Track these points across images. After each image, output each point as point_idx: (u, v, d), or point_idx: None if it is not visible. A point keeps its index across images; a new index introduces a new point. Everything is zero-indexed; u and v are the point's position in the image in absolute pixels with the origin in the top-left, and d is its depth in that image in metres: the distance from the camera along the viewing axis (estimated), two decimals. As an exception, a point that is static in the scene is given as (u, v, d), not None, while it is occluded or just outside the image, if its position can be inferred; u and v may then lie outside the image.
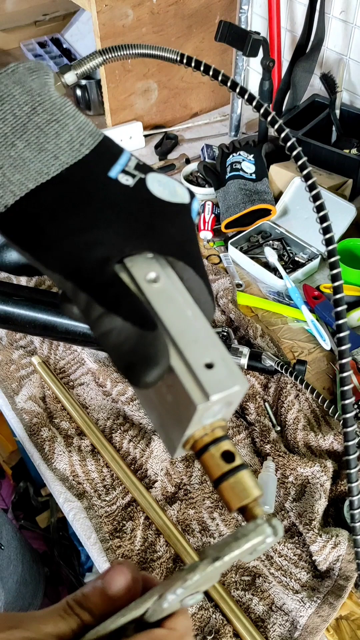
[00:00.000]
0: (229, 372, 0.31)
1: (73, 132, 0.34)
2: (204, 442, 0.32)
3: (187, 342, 0.31)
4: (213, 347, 0.32)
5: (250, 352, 0.93)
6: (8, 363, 1.04)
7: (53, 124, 0.34)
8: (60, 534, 1.50)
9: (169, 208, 0.35)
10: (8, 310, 0.46)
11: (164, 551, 0.79)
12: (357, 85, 1.37)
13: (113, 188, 0.34)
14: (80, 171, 0.33)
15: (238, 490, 0.32)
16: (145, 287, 0.32)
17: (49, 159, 0.33)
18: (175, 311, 0.32)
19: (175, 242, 0.34)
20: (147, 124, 1.56)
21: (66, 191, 0.33)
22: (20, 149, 0.33)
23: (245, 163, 1.29)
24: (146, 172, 0.35)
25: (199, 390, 0.30)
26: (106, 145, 0.35)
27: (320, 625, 0.72)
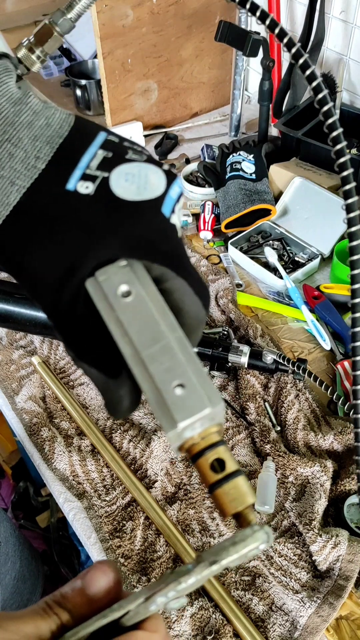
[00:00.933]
0: (200, 394, 0.29)
1: (27, 146, 0.33)
2: (196, 449, 0.31)
3: (157, 364, 0.30)
4: (186, 365, 0.30)
5: (250, 351, 0.93)
6: (8, 363, 1.04)
7: (5, 145, 0.32)
8: (60, 533, 1.50)
9: (134, 208, 0.32)
10: (8, 309, 0.46)
11: (164, 551, 0.79)
12: (357, 85, 1.37)
13: (72, 202, 0.32)
14: (38, 192, 0.32)
15: (232, 497, 0.31)
16: (115, 303, 0.31)
17: (7, 186, 0.32)
18: (146, 329, 0.31)
19: (143, 244, 0.32)
20: (147, 124, 1.56)
21: (29, 219, 0.32)
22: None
23: (245, 163, 1.29)
24: (113, 167, 0.33)
25: (167, 417, 0.29)
26: (68, 147, 0.33)
27: (320, 625, 0.72)
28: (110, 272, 0.31)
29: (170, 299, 0.32)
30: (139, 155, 0.34)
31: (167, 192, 0.33)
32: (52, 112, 0.34)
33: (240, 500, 0.31)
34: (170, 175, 0.34)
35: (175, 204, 0.34)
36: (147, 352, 0.30)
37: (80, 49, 1.86)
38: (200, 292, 0.33)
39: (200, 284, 0.33)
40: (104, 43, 1.34)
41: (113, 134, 0.35)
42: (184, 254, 0.34)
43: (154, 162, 0.34)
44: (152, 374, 0.30)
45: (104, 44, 1.34)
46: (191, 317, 0.33)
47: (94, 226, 0.31)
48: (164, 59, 1.47)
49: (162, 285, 0.32)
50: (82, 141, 0.33)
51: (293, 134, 1.29)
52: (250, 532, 0.30)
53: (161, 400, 0.29)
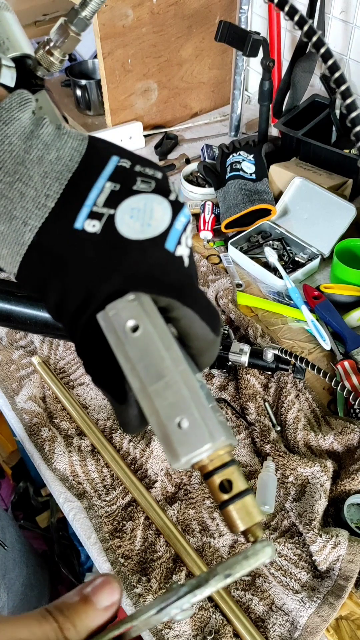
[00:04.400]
0: (201, 430, 0.31)
1: (38, 184, 0.33)
2: (207, 469, 0.33)
3: (161, 399, 0.32)
4: (190, 401, 0.32)
5: (250, 350, 0.93)
6: (8, 363, 1.04)
7: (16, 185, 0.33)
8: (60, 533, 1.50)
9: (137, 247, 0.33)
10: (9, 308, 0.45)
11: (164, 551, 0.79)
12: (357, 85, 1.37)
13: (80, 240, 0.33)
14: (48, 231, 0.33)
15: (242, 515, 0.33)
16: (124, 337, 0.32)
17: (20, 226, 0.33)
18: (152, 364, 0.32)
19: (148, 279, 0.33)
20: (147, 124, 1.56)
21: (43, 258, 0.33)
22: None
23: (245, 163, 1.29)
24: (119, 202, 0.33)
25: (171, 451, 0.31)
26: (76, 181, 0.33)
27: (320, 625, 0.72)
28: (119, 306, 0.33)
29: (178, 325, 0.34)
30: (148, 183, 0.34)
31: (172, 225, 0.34)
32: (63, 141, 0.34)
33: (248, 519, 0.33)
34: (177, 205, 0.34)
35: (181, 235, 0.34)
36: (153, 387, 0.32)
37: (80, 49, 1.86)
38: (208, 317, 0.35)
39: (207, 310, 0.35)
40: (104, 43, 1.34)
41: (126, 156, 0.35)
42: (191, 283, 0.35)
43: (162, 191, 0.34)
44: (157, 408, 0.32)
45: (104, 44, 1.34)
46: (200, 340, 0.35)
47: (101, 263, 0.33)
48: (164, 59, 1.47)
49: (169, 314, 0.34)
50: (91, 173, 0.34)
51: (293, 134, 1.29)
52: (260, 547, 0.31)
53: (166, 435, 0.31)
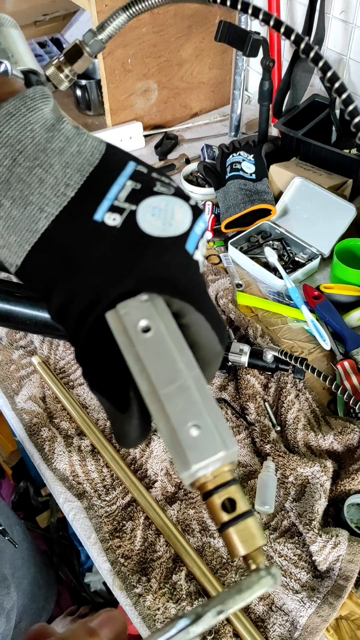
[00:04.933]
0: (215, 437, 0.30)
1: (58, 172, 0.32)
2: (208, 487, 0.31)
3: (173, 403, 0.30)
4: (202, 407, 0.31)
5: (250, 350, 0.93)
6: (8, 363, 1.04)
7: (36, 170, 0.32)
8: (60, 533, 1.50)
9: (157, 244, 0.32)
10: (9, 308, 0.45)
11: (164, 551, 0.79)
12: (357, 85, 1.37)
13: (98, 233, 0.32)
14: (65, 221, 0.32)
15: (243, 539, 0.31)
16: (135, 338, 0.31)
17: (35, 213, 0.32)
18: (164, 366, 0.31)
19: (165, 280, 0.32)
20: (147, 124, 1.56)
21: (55, 248, 0.32)
22: (7, 207, 0.32)
23: (245, 163, 1.29)
24: (141, 199, 0.33)
25: (181, 458, 0.29)
26: (98, 175, 0.33)
27: (320, 625, 0.72)
28: (131, 306, 0.31)
29: (187, 333, 0.33)
30: (167, 187, 0.34)
31: (192, 229, 0.33)
32: (84, 138, 0.34)
33: (250, 543, 0.31)
34: (197, 210, 0.34)
35: (199, 240, 0.34)
36: (164, 390, 0.30)
37: (80, 49, 1.86)
38: (217, 327, 0.34)
39: (218, 320, 0.34)
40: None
41: (142, 164, 0.35)
42: (204, 290, 0.34)
43: (182, 196, 0.34)
44: (168, 413, 0.30)
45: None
46: (207, 351, 0.34)
47: (118, 259, 0.32)
48: (164, 59, 1.47)
49: (181, 319, 0.33)
50: (111, 171, 0.33)
51: (293, 134, 1.29)
52: (256, 578, 0.30)
53: (176, 441, 0.30)
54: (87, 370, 0.33)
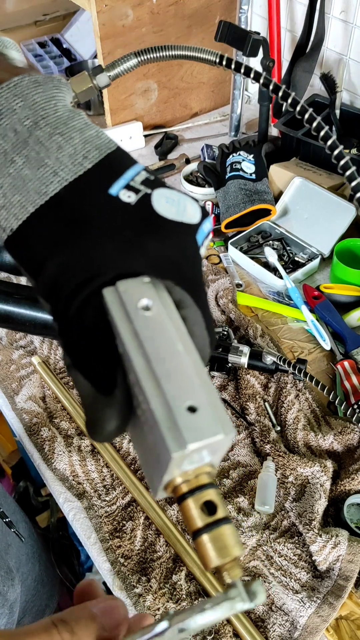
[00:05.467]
0: (213, 418, 0.28)
1: (77, 145, 0.32)
2: (184, 489, 0.29)
3: (171, 381, 0.28)
4: (200, 388, 0.29)
5: (250, 351, 0.93)
6: (8, 363, 1.04)
7: (56, 137, 0.32)
8: (60, 533, 1.50)
9: (172, 228, 0.32)
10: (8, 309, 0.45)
11: (164, 551, 0.79)
12: (357, 85, 1.37)
13: (111, 207, 0.32)
14: (78, 189, 0.31)
15: (217, 548, 0.28)
16: (135, 315, 0.29)
17: (48, 175, 0.31)
18: (163, 344, 0.29)
19: (172, 266, 0.32)
20: (147, 124, 1.56)
21: (62, 213, 0.31)
22: (19, 165, 0.31)
23: (245, 163, 1.29)
24: (154, 188, 0.33)
25: (176, 436, 0.27)
26: (114, 159, 0.33)
27: (320, 625, 0.72)
28: (132, 284, 0.30)
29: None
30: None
31: (201, 224, 0.34)
32: (100, 130, 0.35)
33: (224, 552, 0.28)
34: (205, 211, 0.34)
35: (205, 238, 0.34)
36: (162, 367, 0.29)
37: (80, 49, 1.86)
38: (210, 328, 0.33)
39: (211, 321, 0.34)
40: (104, 43, 1.34)
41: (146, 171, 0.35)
42: (204, 287, 0.34)
43: (190, 197, 0.35)
44: (165, 390, 0.28)
45: (104, 44, 1.34)
46: (199, 350, 0.33)
47: (128, 236, 0.31)
48: (164, 59, 1.47)
49: (179, 311, 0.32)
50: (127, 159, 0.34)
51: (293, 134, 1.29)
52: (221, 599, 0.28)
53: (171, 419, 0.27)
54: (71, 347, 0.31)
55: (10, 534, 1.00)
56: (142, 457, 0.32)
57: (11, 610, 0.95)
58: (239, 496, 0.84)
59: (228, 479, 0.87)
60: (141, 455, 0.32)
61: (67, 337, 0.30)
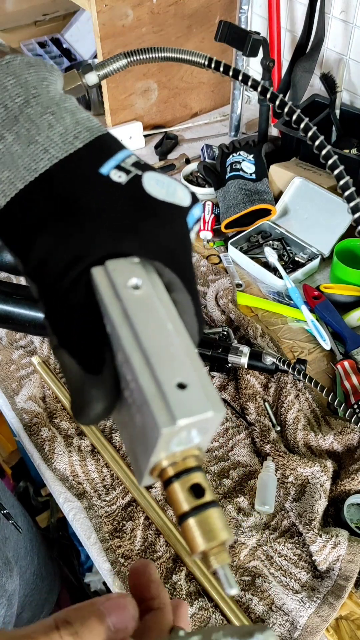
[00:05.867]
0: (203, 396, 0.27)
1: (69, 125, 0.32)
2: (171, 472, 0.28)
3: (161, 358, 0.28)
4: (190, 366, 0.28)
5: (250, 351, 0.93)
6: (8, 363, 1.04)
7: (47, 116, 0.32)
8: (60, 533, 1.50)
9: (163, 209, 0.32)
10: (8, 309, 0.45)
11: (164, 551, 0.79)
12: (357, 85, 1.37)
13: (102, 186, 0.31)
14: (69, 167, 0.31)
15: (203, 531, 0.27)
16: (124, 293, 0.29)
17: (38, 152, 0.31)
18: (152, 322, 0.29)
19: (163, 247, 0.31)
20: (147, 124, 1.56)
21: (52, 191, 0.31)
22: (9, 142, 0.31)
23: (245, 163, 1.29)
24: (145, 170, 0.33)
25: (165, 412, 0.26)
26: (105, 141, 0.33)
27: (320, 625, 0.72)
28: (121, 264, 0.30)
29: None
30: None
31: (191, 208, 0.33)
32: (91, 115, 0.35)
33: (211, 535, 0.28)
34: (195, 197, 0.34)
35: (195, 223, 0.34)
36: (151, 344, 0.28)
37: (80, 49, 1.86)
38: (199, 315, 0.33)
39: (200, 308, 0.33)
40: (104, 43, 1.34)
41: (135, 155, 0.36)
42: (194, 272, 0.33)
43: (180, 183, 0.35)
44: (154, 366, 0.27)
45: (104, 44, 1.34)
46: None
47: (118, 216, 0.31)
48: (164, 59, 1.47)
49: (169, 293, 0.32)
50: (116, 143, 0.34)
51: (293, 134, 1.29)
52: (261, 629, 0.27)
53: (161, 395, 0.27)
54: (58, 326, 0.30)
55: (8, 526, 1.00)
56: (128, 443, 0.31)
57: (9, 602, 0.95)
58: (239, 496, 0.84)
59: (228, 479, 0.87)
60: (127, 441, 0.32)
61: (55, 315, 0.30)
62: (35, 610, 1.15)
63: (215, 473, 0.88)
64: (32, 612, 1.13)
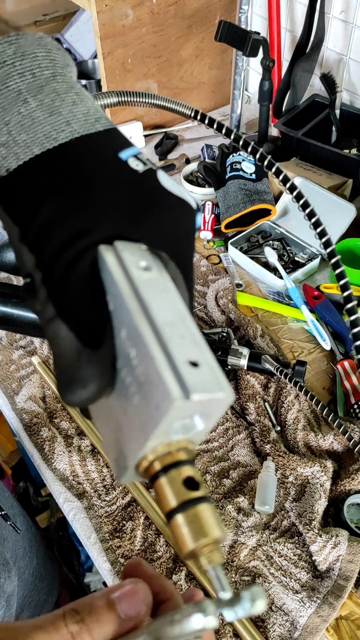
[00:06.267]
0: (214, 377, 0.26)
1: (90, 107, 0.32)
2: (164, 462, 0.27)
3: (174, 335, 0.27)
4: (201, 348, 0.27)
5: (250, 353, 0.93)
6: (8, 363, 1.04)
7: (71, 94, 0.32)
8: (60, 533, 1.50)
9: (175, 203, 0.32)
10: (7, 311, 0.45)
11: (164, 551, 0.79)
12: (357, 85, 1.37)
13: (120, 169, 0.31)
14: (90, 144, 0.31)
15: (193, 529, 0.26)
16: (134, 272, 0.28)
17: (60, 124, 0.30)
18: (164, 301, 0.28)
19: (171, 240, 0.31)
20: (147, 124, 1.56)
21: (68, 163, 0.30)
22: (32, 107, 0.30)
23: (245, 163, 1.29)
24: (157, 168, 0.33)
25: (179, 386, 0.25)
26: (121, 133, 0.33)
27: (320, 625, 0.72)
28: (130, 247, 0.29)
29: None
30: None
31: (197, 212, 0.34)
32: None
33: (204, 532, 0.26)
34: (198, 205, 0.35)
35: (197, 230, 0.34)
36: (163, 320, 0.27)
37: (80, 49, 1.86)
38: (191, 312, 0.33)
39: (193, 309, 0.33)
40: (104, 43, 1.34)
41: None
42: (194, 272, 0.34)
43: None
44: (166, 341, 0.26)
45: (104, 44, 1.34)
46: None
47: (133, 200, 0.30)
48: (164, 59, 1.47)
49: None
50: (128, 140, 0.34)
51: (293, 134, 1.29)
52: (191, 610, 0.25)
53: (173, 369, 0.25)
54: (58, 295, 0.28)
55: (6, 526, 1.01)
56: (112, 433, 0.30)
57: (8, 603, 0.95)
58: (239, 496, 0.84)
59: (228, 479, 0.87)
60: (110, 432, 0.30)
61: (55, 285, 0.29)
62: (35, 611, 1.15)
63: (215, 473, 0.88)
64: (31, 612, 1.13)
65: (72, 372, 0.28)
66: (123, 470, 0.28)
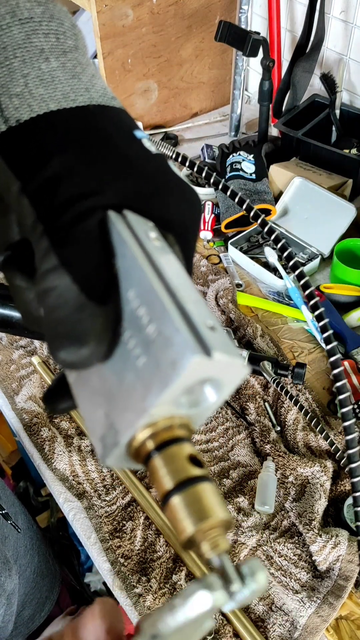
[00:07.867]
0: (233, 344, 0.25)
1: (107, 88, 0.32)
2: (162, 438, 0.24)
3: (189, 299, 0.25)
4: (214, 318, 0.26)
5: (249, 355, 0.93)
6: (8, 363, 1.04)
7: (90, 68, 0.32)
8: (60, 533, 1.50)
9: (184, 186, 0.31)
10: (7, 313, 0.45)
11: (164, 551, 0.79)
12: (357, 85, 1.37)
13: (134, 144, 0.30)
14: (107, 114, 0.30)
15: (193, 510, 0.23)
16: (145, 240, 0.27)
17: (80, 89, 0.30)
18: (175, 268, 0.27)
19: (179, 224, 0.31)
20: (147, 124, 1.56)
21: (87, 124, 0.29)
22: (53, 66, 0.29)
23: (245, 163, 1.29)
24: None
25: (199, 344, 0.23)
26: (132, 117, 0.33)
27: (320, 625, 0.72)
28: (139, 219, 0.28)
29: None
30: None
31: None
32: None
33: (205, 513, 0.23)
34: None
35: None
36: (176, 283, 0.25)
37: (80, 48, 1.86)
38: None
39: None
40: (104, 43, 1.34)
41: None
42: (193, 261, 0.34)
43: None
44: (184, 304, 0.24)
45: (104, 44, 1.34)
46: None
47: (146, 176, 0.29)
48: (164, 59, 1.47)
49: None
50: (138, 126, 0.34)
51: (293, 134, 1.29)
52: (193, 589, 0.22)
53: (191, 328, 0.23)
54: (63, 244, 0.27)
55: (7, 525, 1.01)
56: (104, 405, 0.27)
57: (9, 601, 0.95)
58: (239, 496, 0.84)
59: (228, 479, 0.87)
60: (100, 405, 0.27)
61: (61, 233, 0.27)
62: (36, 609, 1.15)
63: (215, 473, 0.88)
64: (32, 610, 1.13)
65: (70, 326, 0.26)
66: (111, 447, 0.25)
